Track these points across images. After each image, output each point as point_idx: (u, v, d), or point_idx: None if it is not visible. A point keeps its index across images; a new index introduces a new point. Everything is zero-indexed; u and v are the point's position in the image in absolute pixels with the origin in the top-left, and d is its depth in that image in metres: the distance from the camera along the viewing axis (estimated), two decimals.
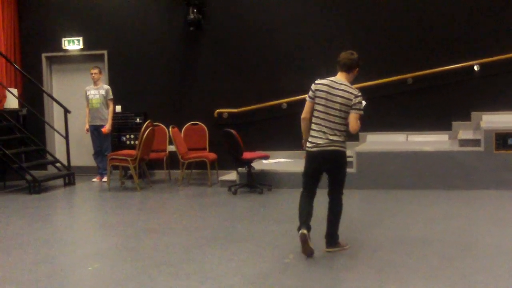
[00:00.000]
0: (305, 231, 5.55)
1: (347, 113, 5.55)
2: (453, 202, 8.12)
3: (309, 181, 5.79)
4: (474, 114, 10.27)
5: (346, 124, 5.59)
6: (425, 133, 10.51)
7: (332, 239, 5.82)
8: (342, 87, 5.58)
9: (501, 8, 10.21)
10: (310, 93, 5.71)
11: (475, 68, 10.22)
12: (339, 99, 5.54)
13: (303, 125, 5.83)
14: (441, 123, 10.43)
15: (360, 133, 10.59)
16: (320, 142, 5.60)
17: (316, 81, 5.72)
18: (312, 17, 11.02)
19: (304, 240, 5.53)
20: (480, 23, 10.29)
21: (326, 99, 5.59)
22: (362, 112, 5.60)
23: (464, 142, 9.33)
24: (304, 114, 5.78)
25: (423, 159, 9.15)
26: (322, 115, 5.61)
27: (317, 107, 5.65)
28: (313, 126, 5.69)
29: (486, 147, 8.91)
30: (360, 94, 5.58)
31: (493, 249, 5.72)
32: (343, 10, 10.90)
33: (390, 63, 10.65)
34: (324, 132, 5.59)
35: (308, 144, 5.73)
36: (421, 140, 10.39)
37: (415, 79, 10.50)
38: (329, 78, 5.69)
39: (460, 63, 10.27)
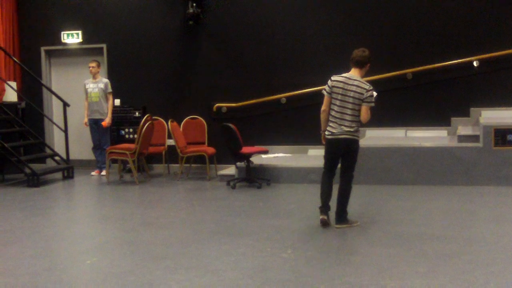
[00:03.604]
0: (324, 217, 6.46)
1: (359, 105, 6.29)
2: (452, 198, 8.12)
3: (328, 162, 6.59)
4: (473, 110, 10.28)
5: (358, 115, 6.34)
6: (424, 129, 10.51)
7: (340, 216, 6.50)
8: (356, 82, 6.30)
9: (502, 4, 10.20)
10: (327, 88, 6.45)
11: (475, 64, 10.21)
12: (352, 94, 6.27)
13: (322, 116, 6.56)
14: (440, 119, 10.43)
15: (360, 128, 10.57)
16: (335, 131, 6.38)
17: (332, 78, 6.43)
18: (311, 12, 11.00)
19: (324, 223, 6.47)
20: (480, 19, 10.28)
21: (342, 94, 6.32)
22: (373, 104, 6.34)
23: (463, 138, 9.33)
24: (324, 107, 6.50)
25: (422, 155, 9.15)
26: (337, 108, 6.35)
27: (334, 101, 6.39)
28: (331, 118, 6.45)
29: (485, 143, 8.91)
30: (371, 88, 6.31)
31: (493, 245, 5.72)
32: (343, 5, 10.88)
33: (389, 59, 10.63)
34: (339, 124, 6.35)
35: (326, 133, 6.51)
36: (420, 135, 10.40)
37: (414, 74, 10.50)
38: (343, 75, 6.41)
39: (459, 59, 10.27)
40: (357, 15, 10.83)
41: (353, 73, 6.40)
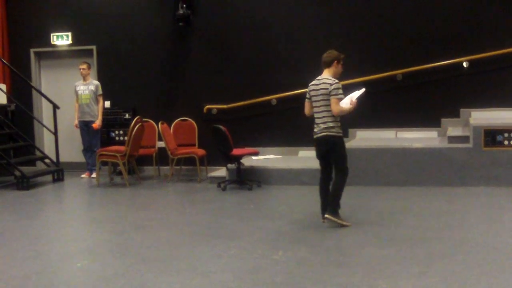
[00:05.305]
0: (323, 220, 6.74)
1: (329, 100, 6.54)
2: (443, 199, 8.14)
3: (320, 165, 6.87)
4: (463, 111, 10.30)
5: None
6: (414, 130, 10.52)
7: (330, 207, 6.62)
8: (323, 80, 6.64)
9: (491, 5, 10.23)
10: (307, 94, 6.83)
11: (464, 64, 10.23)
12: (321, 91, 6.60)
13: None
14: (430, 120, 10.45)
15: (350, 129, 10.61)
16: (316, 131, 6.70)
17: (309, 84, 6.78)
18: (302, 14, 11.00)
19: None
20: (470, 20, 10.31)
21: (315, 95, 6.67)
22: (341, 97, 6.51)
23: (453, 139, 9.35)
24: (305, 111, 6.93)
25: (412, 156, 9.17)
26: (316, 109, 6.69)
27: (313, 103, 6.72)
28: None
29: (475, 143, 8.94)
30: (335, 81, 6.56)
31: (483, 245, 5.74)
32: (334, 6, 10.89)
33: (380, 60, 10.65)
34: (317, 123, 6.68)
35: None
36: (410, 136, 10.42)
37: (404, 75, 10.52)
38: (316, 78, 6.77)
39: (449, 60, 10.29)
40: (348, 16, 10.83)
41: (324, 74, 6.73)
